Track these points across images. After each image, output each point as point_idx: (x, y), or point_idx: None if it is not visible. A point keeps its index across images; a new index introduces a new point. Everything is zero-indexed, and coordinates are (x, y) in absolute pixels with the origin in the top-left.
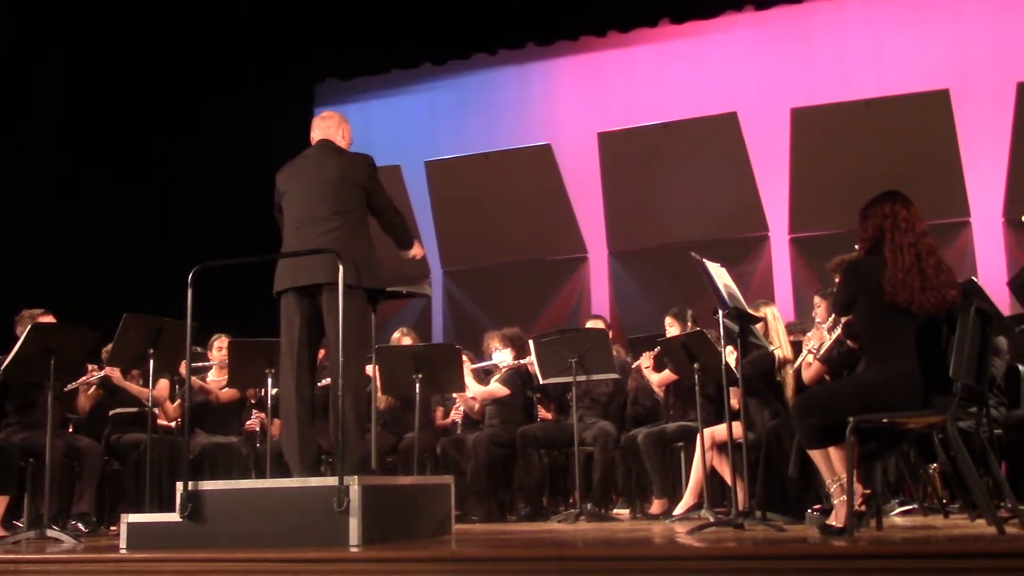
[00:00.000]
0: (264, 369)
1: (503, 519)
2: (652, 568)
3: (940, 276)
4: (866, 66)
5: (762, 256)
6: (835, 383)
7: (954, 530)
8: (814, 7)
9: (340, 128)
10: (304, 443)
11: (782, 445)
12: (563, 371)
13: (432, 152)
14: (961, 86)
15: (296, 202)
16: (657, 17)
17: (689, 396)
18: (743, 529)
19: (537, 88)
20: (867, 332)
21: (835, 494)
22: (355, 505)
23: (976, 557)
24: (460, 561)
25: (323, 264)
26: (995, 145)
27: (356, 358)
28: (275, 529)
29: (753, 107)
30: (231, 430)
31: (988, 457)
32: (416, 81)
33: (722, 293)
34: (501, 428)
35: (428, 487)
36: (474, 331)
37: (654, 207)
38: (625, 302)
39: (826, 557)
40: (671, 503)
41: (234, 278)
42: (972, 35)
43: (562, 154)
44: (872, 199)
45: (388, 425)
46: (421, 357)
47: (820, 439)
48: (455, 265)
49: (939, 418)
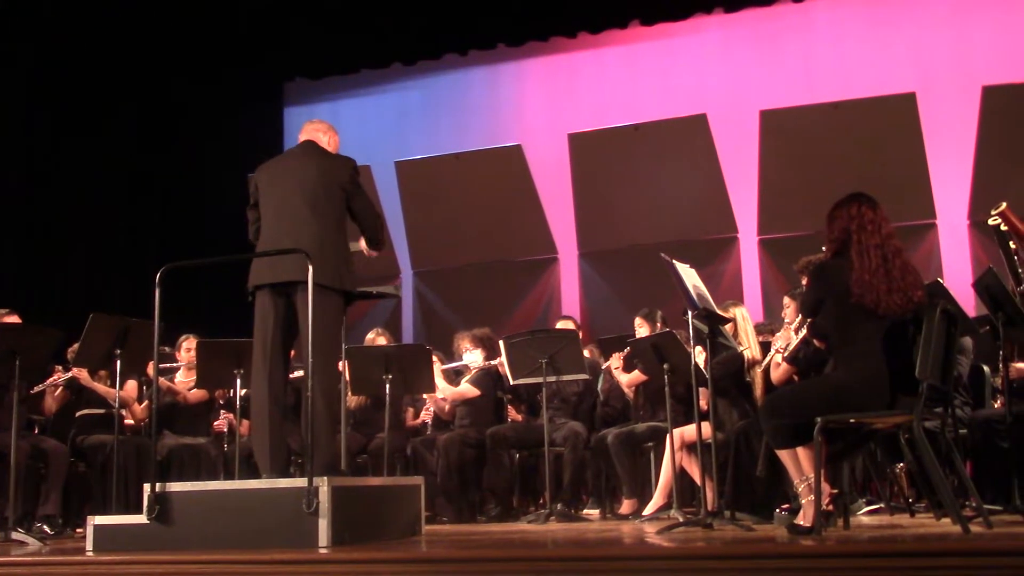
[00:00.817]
0: (233, 370)
1: (473, 520)
2: (622, 568)
3: (906, 277)
4: (834, 69)
5: (731, 257)
6: (803, 384)
7: (920, 529)
8: (782, 10)
9: (328, 135)
10: (275, 444)
11: (751, 445)
12: (533, 372)
13: (402, 152)
14: (927, 89)
15: (276, 200)
16: (627, 19)
17: (658, 397)
18: (712, 529)
19: (507, 89)
20: (835, 333)
21: (803, 494)
22: (325, 506)
23: (941, 556)
24: (430, 562)
25: (300, 262)
26: (960, 148)
27: (328, 358)
28: (244, 530)
29: (722, 109)
30: (199, 431)
31: (953, 457)
32: (386, 81)
33: (691, 294)
34: (471, 429)
35: (398, 488)
36: (444, 332)
37: (624, 208)
38: (595, 303)
39: (794, 556)
40: (641, 503)
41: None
42: (938, 39)
43: (532, 155)
44: (839, 201)
45: (358, 426)
46: (391, 357)
47: (788, 439)
48: (425, 266)
49: (905, 418)
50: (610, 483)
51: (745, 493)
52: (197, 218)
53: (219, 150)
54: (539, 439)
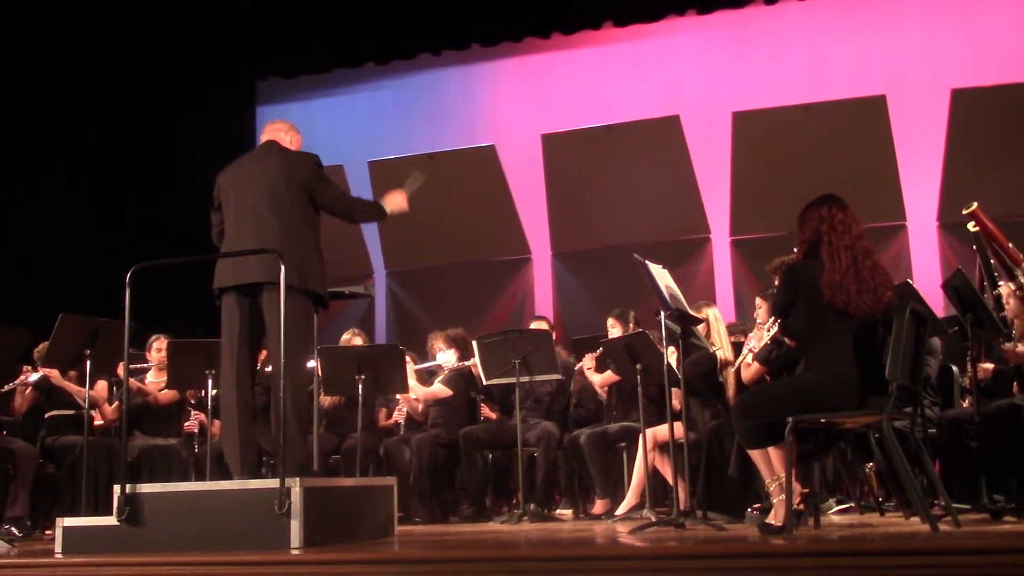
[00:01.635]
0: (204, 370)
1: (446, 520)
2: (594, 568)
3: (876, 278)
4: (806, 71)
5: (703, 258)
6: (774, 384)
7: (889, 528)
8: (754, 12)
9: (290, 134)
10: (245, 445)
11: (723, 445)
12: (506, 372)
13: (375, 152)
14: (897, 92)
15: (238, 201)
16: (600, 20)
17: (631, 397)
18: (684, 528)
19: (481, 89)
20: (806, 334)
21: (774, 493)
22: (296, 507)
23: (910, 555)
24: (403, 563)
25: (264, 263)
26: (930, 150)
27: (298, 359)
28: (215, 532)
29: (695, 110)
30: (170, 432)
31: (922, 456)
32: (360, 80)
33: (664, 294)
34: (444, 429)
35: (371, 488)
36: (418, 332)
37: (597, 209)
38: (568, 303)
39: (765, 556)
40: (613, 503)
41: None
42: (908, 43)
43: (506, 155)
44: (809, 203)
45: (331, 426)
46: (364, 358)
47: (760, 439)
48: (399, 266)
49: (875, 418)
50: (583, 483)
51: (717, 493)
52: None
53: (191, 149)
54: (512, 439)
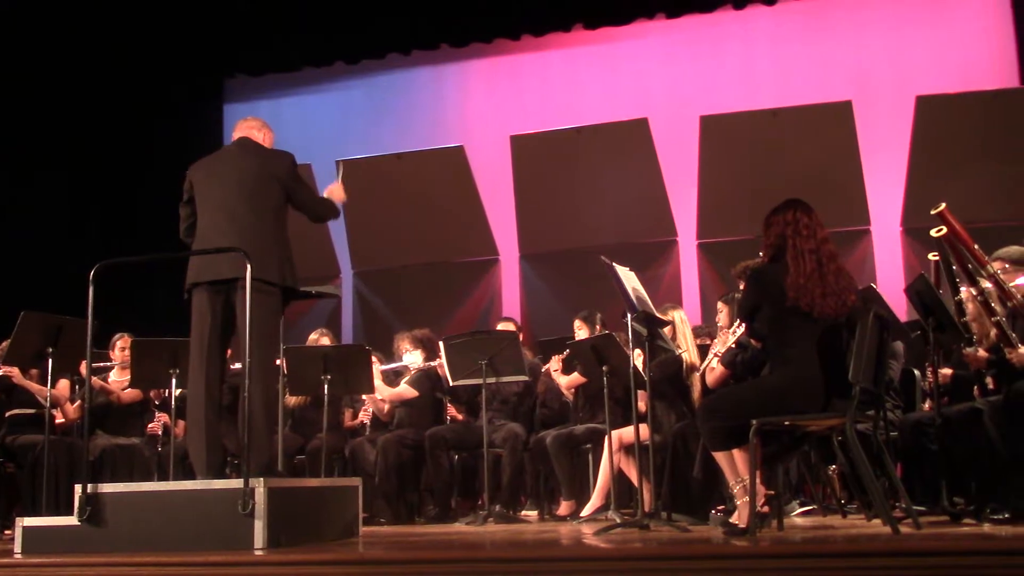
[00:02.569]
0: (168, 369)
1: (411, 521)
2: (559, 569)
3: (840, 282)
4: (773, 76)
5: (670, 261)
6: (739, 386)
7: (851, 530)
8: (723, 17)
9: (262, 131)
10: (211, 444)
11: (688, 447)
12: (473, 373)
13: (344, 151)
14: (863, 98)
15: (213, 198)
16: (571, 22)
17: (597, 398)
18: (649, 530)
19: (450, 90)
20: (771, 337)
21: (738, 495)
22: (260, 508)
23: (872, 556)
24: (367, 564)
25: (240, 259)
26: (894, 156)
27: (266, 358)
28: (178, 532)
29: (663, 114)
30: (133, 431)
31: (884, 459)
32: (328, 79)
33: (631, 297)
34: (410, 430)
35: (335, 489)
36: (384, 332)
37: (565, 211)
38: (535, 305)
39: (729, 557)
40: (579, 504)
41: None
42: (874, 50)
43: (474, 156)
44: (775, 207)
45: (296, 426)
46: (330, 358)
47: (724, 441)
48: (366, 266)
49: (839, 421)
50: (548, 484)
51: (682, 494)
52: (135, 215)
53: (158, 147)
54: (478, 440)
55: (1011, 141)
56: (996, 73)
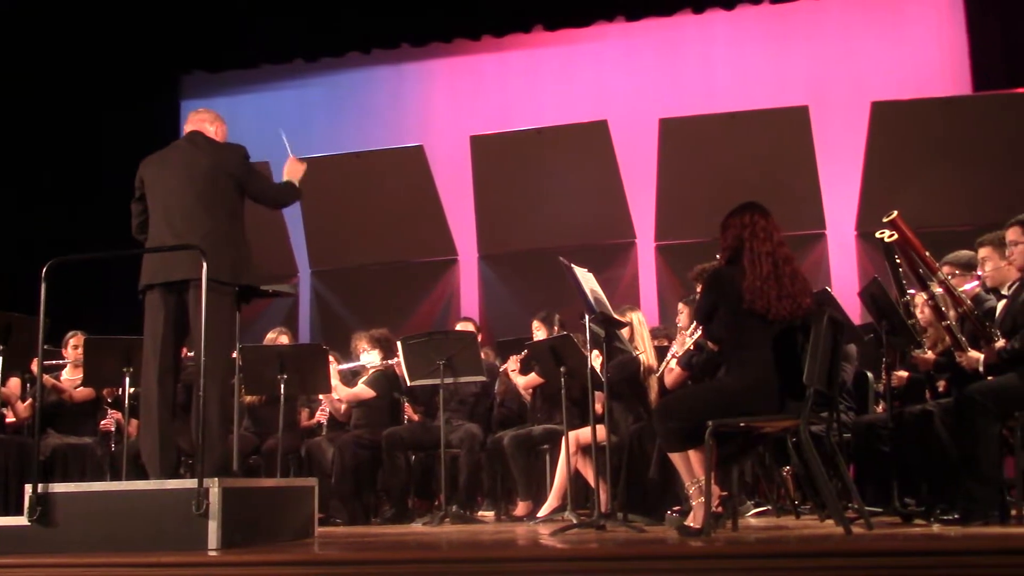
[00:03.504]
0: (122, 368)
1: (367, 522)
2: (515, 570)
3: (795, 285)
4: (731, 80)
5: (628, 262)
6: (696, 388)
7: (805, 530)
8: (682, 21)
9: (214, 124)
10: (164, 444)
11: (644, 448)
12: (431, 373)
13: (302, 150)
14: (819, 104)
15: (164, 194)
16: (531, 23)
17: (555, 399)
18: (605, 530)
19: (410, 89)
20: (727, 339)
21: (693, 496)
22: (215, 508)
23: (824, 556)
24: (322, 564)
25: (191, 260)
26: (849, 161)
27: (221, 357)
28: (131, 533)
29: (623, 116)
30: (85, 431)
31: (837, 460)
32: (287, 77)
33: (589, 298)
34: (367, 430)
35: (291, 489)
36: (342, 332)
37: (524, 211)
38: (494, 305)
39: (684, 557)
40: (535, 505)
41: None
42: (830, 56)
43: (434, 156)
44: (732, 210)
45: (252, 426)
46: (287, 357)
47: (680, 442)
48: (324, 265)
49: (793, 422)
50: (505, 485)
51: (638, 495)
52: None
53: (113, 143)
54: (435, 441)
55: (963, 147)
56: (949, 80)
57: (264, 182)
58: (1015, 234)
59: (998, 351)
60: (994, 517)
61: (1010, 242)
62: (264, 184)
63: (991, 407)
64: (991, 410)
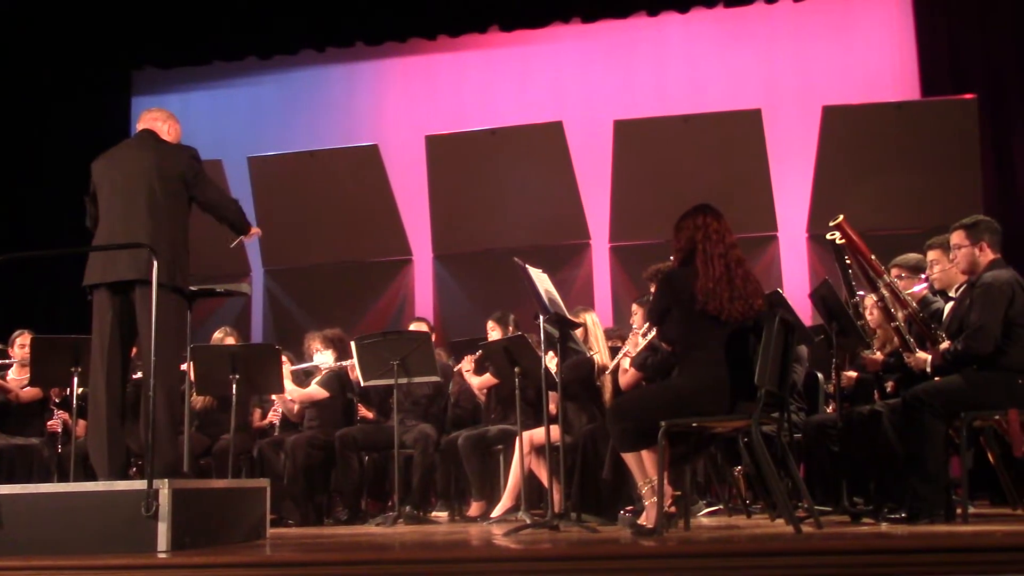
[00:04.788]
0: (70, 367)
1: (320, 523)
2: (469, 570)
3: (748, 286)
4: (685, 83)
5: (583, 263)
6: (648, 388)
7: (756, 530)
8: (637, 23)
9: (167, 123)
10: (113, 445)
11: (598, 448)
12: (385, 373)
13: (255, 148)
14: (772, 107)
15: (111, 193)
16: (487, 24)
17: (509, 400)
18: (558, 530)
19: (365, 88)
20: (680, 340)
21: (646, 496)
22: (164, 509)
23: (775, 555)
24: (274, 566)
25: (135, 260)
26: (801, 164)
27: (169, 358)
28: (79, 535)
29: (578, 117)
30: (32, 431)
31: (788, 460)
32: (240, 74)
33: (543, 298)
34: (320, 430)
35: (242, 490)
36: (295, 332)
37: (479, 212)
38: (448, 305)
39: (636, 557)
40: (489, 505)
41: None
42: (783, 60)
43: (389, 155)
44: (685, 212)
45: (203, 427)
46: (238, 357)
47: (633, 442)
48: (277, 264)
49: (745, 423)
50: (459, 485)
51: (591, 495)
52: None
53: (61, 139)
54: (389, 441)
55: (912, 151)
56: (899, 85)
57: (213, 190)
58: (959, 238)
59: (943, 353)
60: (940, 516)
61: (954, 245)
62: (213, 193)
63: (937, 407)
64: (937, 410)
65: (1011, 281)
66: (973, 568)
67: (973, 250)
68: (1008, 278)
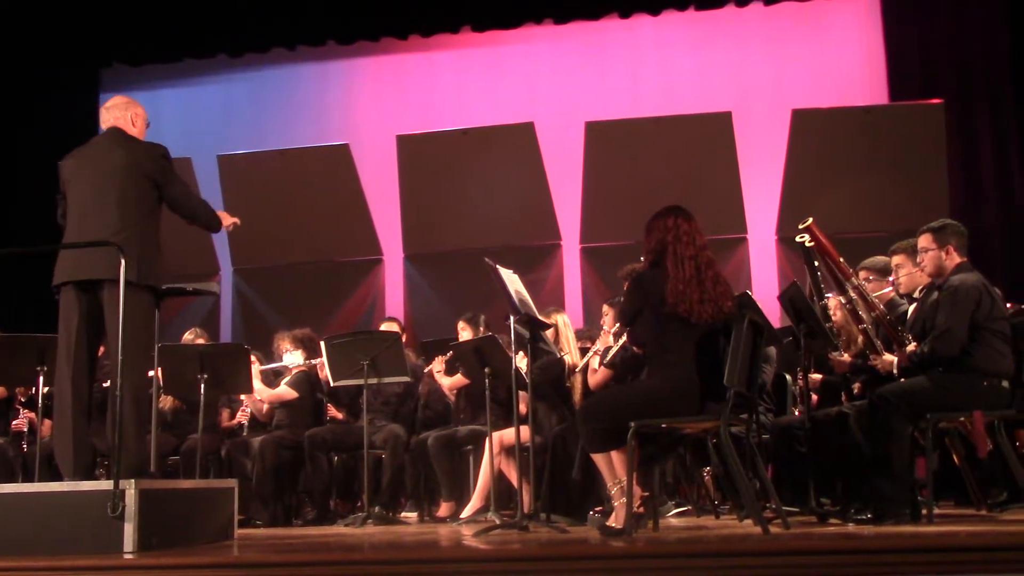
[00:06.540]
0: (35, 366)
1: (289, 523)
2: (438, 571)
3: (717, 288)
4: (657, 85)
5: (554, 264)
6: (618, 389)
7: (724, 530)
8: (610, 25)
9: (128, 111)
10: (79, 445)
11: (567, 449)
12: (354, 373)
13: (225, 146)
14: (742, 110)
15: (80, 192)
16: (459, 24)
17: (479, 400)
18: (528, 531)
19: (336, 87)
20: (650, 341)
21: (615, 496)
22: (131, 510)
23: (743, 556)
24: (242, 567)
25: (104, 258)
26: (770, 167)
27: (137, 357)
28: (44, 536)
29: (549, 118)
30: None
31: (756, 461)
32: (210, 72)
33: (514, 299)
34: (289, 431)
35: (210, 491)
36: (264, 331)
37: (450, 212)
38: (419, 306)
39: (606, 557)
40: (459, 506)
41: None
42: (753, 64)
43: (360, 155)
44: (656, 213)
45: (170, 426)
46: (207, 357)
47: (603, 443)
48: (246, 263)
49: (713, 424)
50: (429, 486)
51: (561, 496)
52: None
53: (29, 137)
54: (358, 441)
55: (880, 155)
56: (868, 90)
57: (182, 189)
58: (926, 241)
59: (909, 355)
60: (905, 516)
61: (921, 249)
62: (183, 191)
63: (903, 408)
64: (903, 411)
65: (978, 285)
66: (938, 568)
67: (940, 253)
68: (975, 282)
